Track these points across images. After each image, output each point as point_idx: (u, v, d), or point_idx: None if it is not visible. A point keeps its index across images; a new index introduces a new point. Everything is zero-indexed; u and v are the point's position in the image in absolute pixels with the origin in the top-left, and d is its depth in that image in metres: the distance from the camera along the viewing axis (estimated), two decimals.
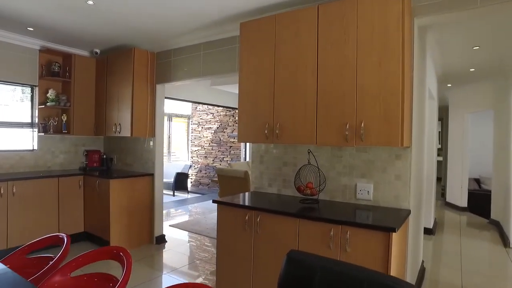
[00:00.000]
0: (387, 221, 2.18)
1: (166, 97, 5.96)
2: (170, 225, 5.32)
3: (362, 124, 2.31)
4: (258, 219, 2.53)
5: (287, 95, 2.69)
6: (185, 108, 10.78)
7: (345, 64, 2.40)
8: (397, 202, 2.54)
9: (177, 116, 10.27)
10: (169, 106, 9.66)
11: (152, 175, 4.37)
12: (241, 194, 3.15)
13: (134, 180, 4.18)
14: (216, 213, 2.81)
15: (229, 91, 7.24)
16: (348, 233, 2.12)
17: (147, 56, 4.27)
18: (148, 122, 4.30)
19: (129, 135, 4.13)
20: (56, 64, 4.41)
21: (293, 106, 2.65)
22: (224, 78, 5.84)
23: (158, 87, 4.39)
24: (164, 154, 10.04)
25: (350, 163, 2.77)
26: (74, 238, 4.26)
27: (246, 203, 2.76)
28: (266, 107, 2.80)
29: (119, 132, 4.26)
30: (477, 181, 8.29)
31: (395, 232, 1.96)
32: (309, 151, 2.86)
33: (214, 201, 2.80)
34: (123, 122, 4.23)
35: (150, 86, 4.33)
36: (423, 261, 3.70)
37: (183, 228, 5.16)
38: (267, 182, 3.27)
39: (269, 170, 3.25)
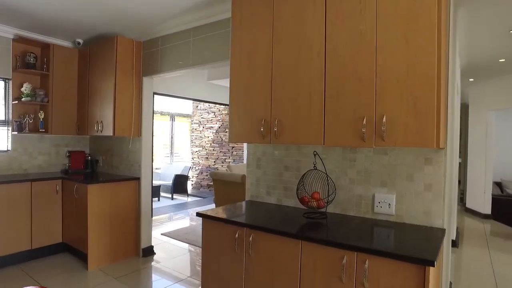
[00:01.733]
0: (418, 247, 1.64)
1: (160, 94, 5.49)
2: (162, 234, 4.83)
3: (384, 118, 1.77)
4: (251, 239, 2.01)
5: (288, 84, 2.16)
6: (188, 107, 10.34)
7: (360, 42, 1.87)
8: (427, 219, 2.00)
9: (180, 115, 9.81)
10: (172, 105, 9.21)
11: (138, 179, 3.88)
12: (233, 205, 2.63)
13: (117, 185, 3.69)
14: None
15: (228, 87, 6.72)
16: (366, 263, 1.59)
17: (132, 45, 3.79)
18: (134, 120, 3.81)
19: (111, 134, 3.65)
20: (32, 55, 3.95)
21: (295, 97, 2.13)
22: (221, 72, 5.35)
23: (145, 80, 3.90)
24: (166, 155, 9.62)
25: (366, 168, 2.23)
26: (51, 250, 3.80)
27: (237, 217, 2.24)
28: (262, 99, 2.28)
29: (101, 131, 3.78)
30: (499, 184, 7.65)
31: (433, 266, 1.42)
32: (315, 153, 2.32)
33: (198, 214, 2.29)
34: (105, 120, 3.74)
35: (136, 79, 3.84)
36: (451, 283, 3.13)
37: (176, 237, 4.66)
38: (264, 190, 2.75)
39: (267, 176, 2.73)
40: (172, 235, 4.75)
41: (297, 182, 2.52)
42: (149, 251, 3.96)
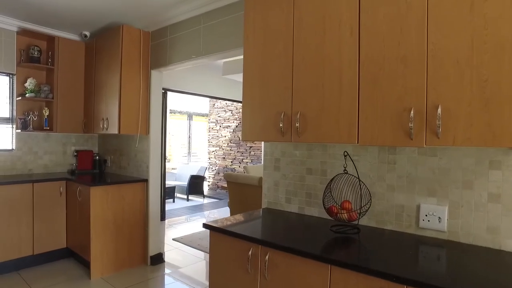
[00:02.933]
0: (491, 280, 1.22)
1: (174, 91, 5.20)
2: (173, 239, 4.53)
3: (439, 109, 1.36)
4: (267, 258, 1.64)
5: (312, 69, 1.78)
6: (206, 106, 10.09)
7: (406, 14, 1.46)
8: (493, 239, 1.56)
9: (197, 115, 9.57)
10: (189, 104, 8.97)
11: (146, 180, 3.58)
12: (248, 214, 2.27)
13: (122, 187, 3.40)
14: None
15: None
16: None
17: (139, 36, 3.49)
18: (141, 116, 3.51)
19: (116, 131, 3.36)
20: (36, 48, 3.73)
21: (321, 85, 1.74)
22: (237, 65, 4.98)
23: (154, 73, 3.59)
24: (184, 155, 9.40)
25: (409, 172, 1.81)
26: (54, 256, 3.56)
27: (251, 230, 1.87)
28: (281, 89, 1.91)
29: (107, 129, 3.50)
30: None
31: None
32: (345, 154, 1.92)
33: (205, 226, 1.93)
34: (110, 117, 3.46)
35: (144, 72, 3.53)
36: None
37: (188, 243, 4.35)
38: (284, 196, 2.37)
39: (287, 180, 2.35)
40: (184, 241, 4.44)
41: (322, 188, 2.14)
42: (158, 259, 3.66)
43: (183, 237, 4.63)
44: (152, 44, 3.55)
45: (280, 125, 1.89)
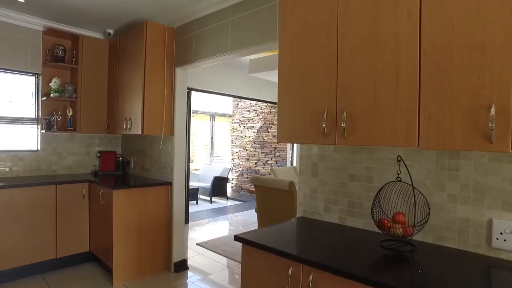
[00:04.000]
0: None
1: (198, 90, 5.06)
2: (197, 244, 4.37)
3: None
4: (310, 279, 1.41)
5: (361, 61, 1.54)
6: (228, 106, 9.96)
7: None
8: None
9: (220, 115, 9.45)
10: (212, 104, 8.85)
11: (170, 183, 3.42)
12: (282, 224, 2.04)
13: (146, 190, 3.26)
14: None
15: (273, 82, 6.14)
16: None
17: (163, 32, 3.34)
18: (165, 116, 3.36)
19: (139, 132, 3.22)
20: (60, 47, 3.66)
21: (372, 79, 1.50)
22: (264, 62, 4.78)
23: (179, 71, 3.43)
24: (206, 156, 9.29)
25: (477, 181, 1.53)
26: (77, 260, 3.47)
27: (289, 245, 1.65)
28: (324, 84, 1.68)
29: (130, 129, 3.38)
30: None
31: None
32: (399, 158, 1.67)
33: (236, 238, 1.73)
34: (133, 117, 3.33)
35: (168, 70, 3.38)
36: None
37: (213, 249, 4.17)
38: (322, 205, 2.13)
39: (326, 187, 2.11)
40: (209, 246, 4.27)
41: (367, 196, 1.89)
42: (182, 266, 3.50)
43: (207, 242, 4.46)
44: (177, 41, 3.40)
45: (323, 125, 1.66)
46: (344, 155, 2.03)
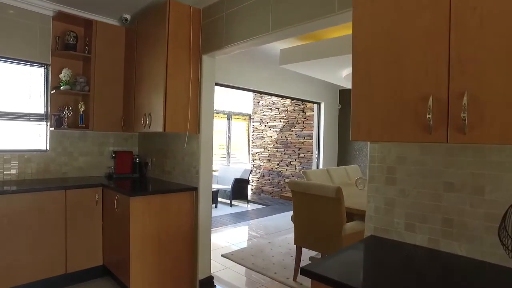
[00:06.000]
0: None
1: (219, 85, 4.61)
2: (222, 255, 3.90)
3: None
4: None
5: (492, 22, 1.05)
6: (246, 106, 9.52)
7: None
8: None
9: (236, 114, 9.00)
10: (228, 103, 8.39)
11: (195, 189, 2.96)
12: (353, 248, 1.55)
13: (168, 198, 2.81)
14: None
15: (303, 75, 5.62)
16: None
17: (189, 13, 2.88)
18: (190, 112, 2.90)
19: (160, 129, 2.78)
20: (72, 34, 3.24)
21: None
22: (296, 52, 4.26)
23: (206, 59, 2.97)
24: (222, 156, 8.85)
25: None
26: (89, 275, 3.05)
27: (370, 280, 1.16)
28: (426, 59, 1.19)
29: (149, 126, 2.93)
30: None
31: None
32: None
33: (304, 272, 1.24)
34: (154, 112, 2.89)
35: (194, 58, 2.92)
36: None
37: (241, 262, 3.70)
38: (403, 222, 1.63)
39: (408, 198, 1.61)
40: (235, 258, 3.80)
41: (475, 213, 1.38)
42: (209, 284, 3.03)
43: (233, 253, 3.99)
44: (204, 24, 2.94)
45: (428, 116, 1.16)
46: (436, 157, 1.52)
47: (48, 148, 3.32)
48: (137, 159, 3.67)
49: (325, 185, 2.85)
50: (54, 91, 3.22)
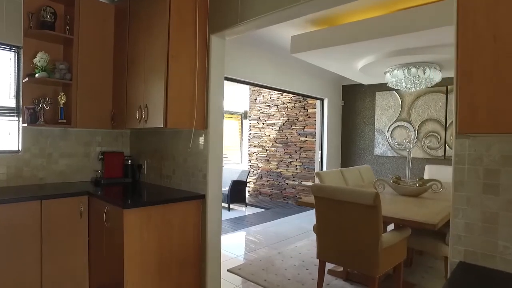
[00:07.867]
0: None
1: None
2: (228, 270, 3.40)
3: None
4: None
5: None
6: (238, 103, 9.05)
7: None
8: None
9: (227, 113, 8.51)
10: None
11: (202, 197, 2.46)
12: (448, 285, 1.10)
13: (170, 208, 2.30)
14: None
15: (306, 69, 5.16)
16: None
17: None
18: (197, 104, 2.40)
19: (161, 125, 2.26)
20: (48, 9, 2.68)
21: None
22: (309, 38, 3.75)
23: (214, 40, 2.47)
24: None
25: None
26: None
27: None
28: None
29: (146, 121, 2.42)
30: None
31: None
32: None
33: None
34: (151, 104, 2.37)
35: (201, 38, 2.42)
36: None
37: (251, 278, 3.21)
38: (510, 244, 1.18)
39: None
40: (244, 274, 3.30)
41: None
42: None
43: (240, 267, 3.49)
44: None
45: None
46: None
47: (20, 148, 2.76)
48: (129, 161, 3.14)
49: (359, 190, 2.39)
50: (27, 79, 2.65)
